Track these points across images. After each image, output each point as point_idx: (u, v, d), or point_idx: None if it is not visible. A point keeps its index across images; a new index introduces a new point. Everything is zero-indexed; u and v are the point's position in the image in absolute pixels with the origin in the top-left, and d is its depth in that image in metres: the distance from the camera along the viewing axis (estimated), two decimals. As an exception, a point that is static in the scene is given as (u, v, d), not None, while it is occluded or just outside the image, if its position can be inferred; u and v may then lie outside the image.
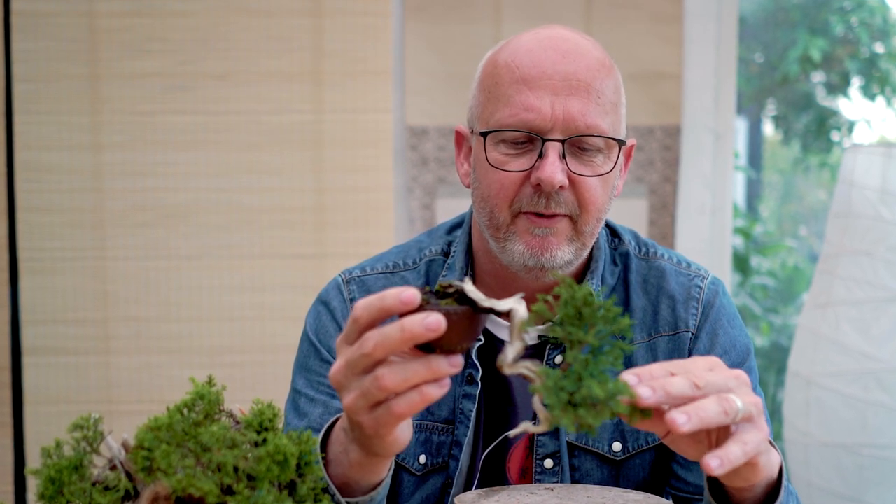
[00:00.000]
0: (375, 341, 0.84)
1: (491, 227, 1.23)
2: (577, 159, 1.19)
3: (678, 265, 1.34)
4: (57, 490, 0.81)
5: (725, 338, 1.30)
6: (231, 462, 0.79)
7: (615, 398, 0.78)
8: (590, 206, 1.20)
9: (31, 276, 2.61)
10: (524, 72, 1.19)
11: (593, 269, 1.30)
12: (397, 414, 0.87)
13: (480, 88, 1.26)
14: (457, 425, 1.27)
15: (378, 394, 0.86)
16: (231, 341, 2.64)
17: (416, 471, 1.29)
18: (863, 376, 2.36)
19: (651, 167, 2.85)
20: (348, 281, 1.36)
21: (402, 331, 0.82)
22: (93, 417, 0.85)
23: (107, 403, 2.62)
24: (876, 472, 2.34)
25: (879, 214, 2.39)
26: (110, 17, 2.59)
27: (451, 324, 0.82)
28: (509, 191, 1.20)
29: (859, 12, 6.64)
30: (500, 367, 0.84)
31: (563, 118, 1.17)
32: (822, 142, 7.04)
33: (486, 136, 1.21)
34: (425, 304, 0.84)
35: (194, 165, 2.61)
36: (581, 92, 1.18)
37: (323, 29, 2.62)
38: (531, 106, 1.17)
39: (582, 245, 1.23)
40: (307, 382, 1.30)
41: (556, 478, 1.27)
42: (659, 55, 2.82)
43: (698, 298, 1.31)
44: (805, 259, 7.08)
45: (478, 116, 1.25)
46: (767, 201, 9.26)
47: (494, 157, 1.20)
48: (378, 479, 1.02)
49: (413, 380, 0.85)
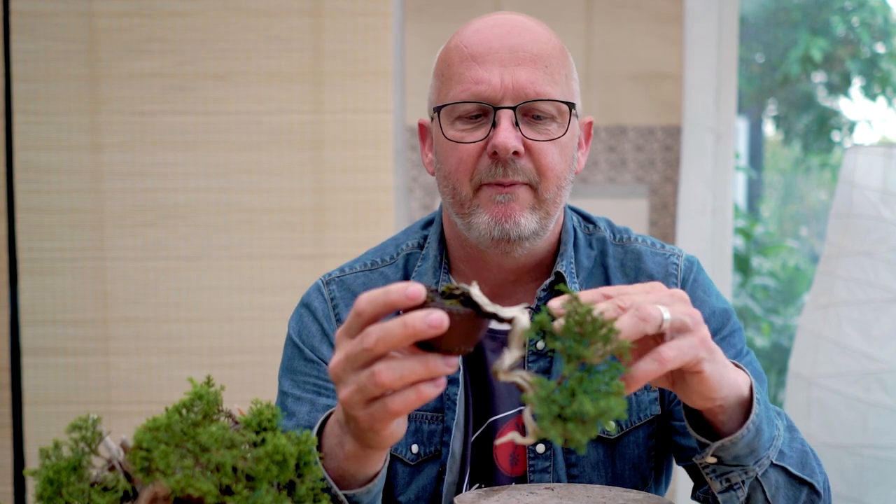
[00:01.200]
0: (377, 336, 0.85)
1: (455, 205, 1.26)
2: (530, 127, 1.22)
3: (653, 247, 1.37)
4: (55, 491, 0.81)
5: (704, 307, 1.31)
6: (230, 462, 0.79)
7: (605, 415, 0.78)
8: (548, 173, 1.23)
9: (31, 276, 2.61)
10: (472, 49, 1.23)
11: (562, 252, 1.32)
12: (393, 411, 0.87)
13: (435, 76, 1.30)
14: (445, 412, 1.29)
15: (374, 389, 0.86)
16: (230, 342, 2.63)
17: (409, 461, 1.30)
18: (864, 377, 2.35)
19: (652, 167, 2.85)
20: (328, 282, 1.39)
21: (404, 327, 0.83)
22: (91, 418, 0.84)
23: (106, 404, 2.62)
24: (877, 473, 2.33)
25: (880, 215, 2.38)
26: (109, 18, 2.58)
27: (453, 324, 0.82)
28: (468, 164, 1.23)
29: (860, 12, 6.64)
30: (495, 372, 0.84)
31: (513, 87, 1.21)
32: (822, 142, 7.04)
33: (439, 111, 1.25)
34: (430, 301, 0.84)
35: (194, 166, 2.61)
36: (528, 62, 1.22)
37: (323, 29, 2.61)
38: (481, 79, 1.21)
39: (545, 214, 1.25)
40: (293, 383, 1.31)
41: (549, 462, 1.28)
42: (660, 55, 2.82)
43: (676, 275, 1.34)
44: (806, 259, 7.09)
45: (434, 101, 1.29)
46: (768, 202, 9.26)
47: (451, 133, 1.24)
48: (374, 470, 1.03)
49: (410, 377, 0.85)
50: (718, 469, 1.05)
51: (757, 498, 1.07)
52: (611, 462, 1.30)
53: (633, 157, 2.85)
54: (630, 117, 2.83)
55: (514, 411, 1.30)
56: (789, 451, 1.11)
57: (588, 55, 2.80)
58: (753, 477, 1.05)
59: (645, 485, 1.32)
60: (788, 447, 1.11)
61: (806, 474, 1.12)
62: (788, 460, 1.10)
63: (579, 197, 2.81)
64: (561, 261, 1.31)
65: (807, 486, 1.12)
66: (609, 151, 2.85)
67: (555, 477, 1.28)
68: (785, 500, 1.10)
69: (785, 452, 1.10)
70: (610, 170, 2.85)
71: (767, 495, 1.07)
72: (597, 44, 2.80)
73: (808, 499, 1.13)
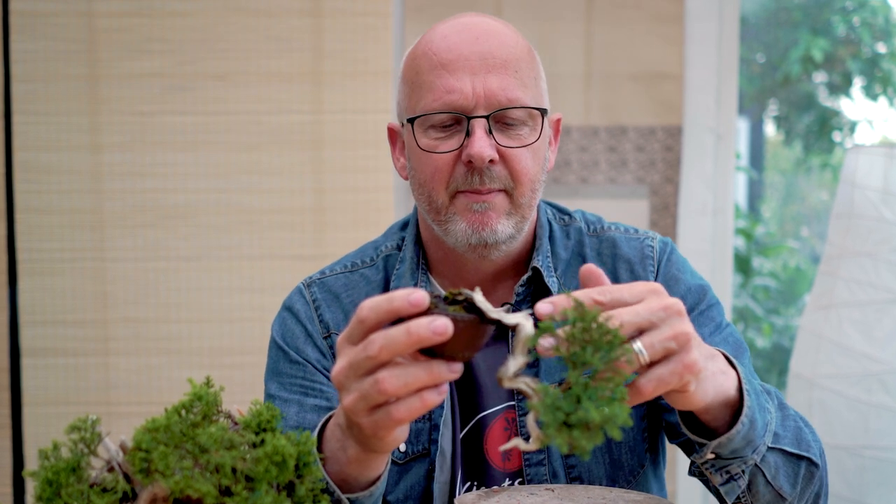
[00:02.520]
0: (381, 344, 0.84)
1: (432, 212, 1.27)
2: (503, 134, 1.23)
3: (626, 233, 1.39)
4: (55, 492, 0.81)
5: (679, 284, 1.34)
6: (229, 463, 0.79)
7: (610, 422, 0.78)
8: (522, 178, 1.24)
9: (30, 277, 2.61)
10: (441, 57, 1.23)
11: (538, 247, 1.33)
12: (396, 419, 0.87)
13: (404, 81, 1.30)
14: (432, 409, 1.28)
15: (378, 397, 0.86)
16: (230, 343, 2.63)
17: (397, 459, 1.30)
18: (865, 378, 2.35)
19: (652, 168, 2.84)
20: (309, 285, 1.40)
21: (408, 334, 0.83)
22: (90, 419, 0.84)
23: (105, 405, 2.62)
24: (878, 474, 2.33)
25: (882, 215, 2.38)
26: (109, 17, 2.58)
27: (457, 331, 0.82)
28: (443, 172, 1.23)
29: (861, 12, 6.64)
30: (499, 379, 0.85)
31: (485, 95, 1.21)
32: (823, 142, 7.04)
33: (413, 122, 1.25)
34: (433, 307, 0.84)
35: (193, 166, 2.61)
36: (498, 69, 1.22)
37: (323, 29, 2.61)
38: (452, 88, 1.21)
39: (521, 218, 1.26)
40: (279, 386, 1.32)
41: (543, 454, 1.29)
42: (660, 55, 2.81)
43: (652, 257, 1.36)
44: (807, 260, 7.08)
45: (405, 108, 1.30)
46: (769, 202, 9.25)
47: (425, 142, 1.24)
48: (376, 473, 1.03)
49: (413, 385, 0.85)
50: (717, 463, 1.05)
51: (758, 482, 1.08)
52: (608, 448, 1.31)
53: (634, 158, 2.84)
54: (630, 118, 2.83)
55: (502, 406, 1.31)
56: (783, 431, 1.12)
57: (588, 55, 2.79)
58: (752, 465, 1.06)
59: (642, 467, 1.33)
60: (782, 427, 1.12)
61: (802, 449, 1.13)
62: (784, 441, 1.11)
63: (580, 197, 2.81)
64: (537, 256, 1.32)
65: (804, 461, 1.13)
66: (609, 152, 2.85)
67: (551, 470, 1.29)
68: (785, 477, 1.11)
69: (779, 434, 1.10)
70: (610, 170, 2.85)
71: (768, 477, 1.08)
72: (597, 44, 2.80)
73: (806, 471, 1.13)
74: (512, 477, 1.30)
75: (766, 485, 1.08)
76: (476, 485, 1.31)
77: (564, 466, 1.29)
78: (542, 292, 1.31)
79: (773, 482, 1.09)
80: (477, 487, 1.30)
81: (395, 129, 1.37)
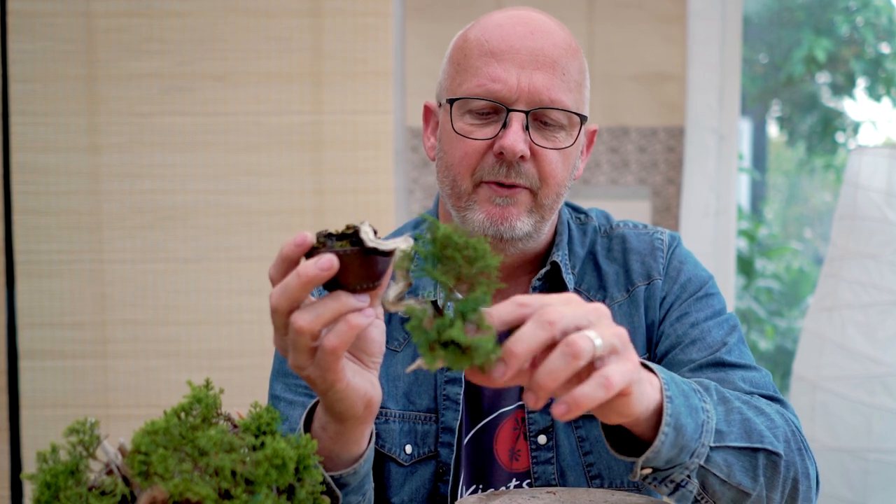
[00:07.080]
0: (277, 294, 0.88)
1: (453, 197, 1.27)
2: (539, 132, 1.23)
3: (636, 228, 1.40)
4: (53, 495, 0.81)
5: (682, 272, 1.35)
6: (229, 466, 0.79)
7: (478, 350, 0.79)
8: (550, 180, 1.24)
9: (28, 279, 2.60)
10: (493, 45, 1.23)
11: (558, 242, 1.34)
12: (331, 348, 0.88)
13: (450, 62, 1.30)
14: (442, 412, 1.29)
15: (300, 338, 0.88)
16: (229, 345, 2.62)
17: (403, 461, 1.30)
18: (868, 380, 2.34)
19: (654, 169, 2.84)
20: None
21: (298, 276, 0.86)
22: (89, 421, 0.85)
23: (104, 407, 2.61)
24: (881, 476, 2.32)
25: (885, 217, 2.37)
26: (107, 18, 2.57)
27: (345, 264, 0.86)
28: (472, 159, 1.24)
29: (865, 12, 6.64)
30: (382, 305, 0.88)
31: (529, 90, 1.21)
32: (827, 143, 7.04)
33: (452, 103, 1.25)
34: (321, 245, 0.87)
35: (192, 167, 2.60)
36: (546, 67, 1.22)
37: (323, 29, 2.60)
38: (498, 77, 1.22)
39: (541, 218, 1.26)
40: (284, 387, 1.32)
41: (552, 452, 1.29)
42: (662, 56, 2.81)
43: (662, 249, 1.37)
44: (810, 262, 7.09)
45: (446, 88, 1.30)
46: (772, 203, 9.25)
47: (460, 126, 1.24)
48: (359, 449, 1.03)
49: (325, 314, 0.87)
50: (658, 475, 1.01)
51: (711, 483, 1.04)
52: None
53: (636, 159, 2.84)
54: (633, 118, 2.82)
55: (513, 406, 1.31)
56: (728, 427, 1.06)
57: (590, 55, 2.78)
58: (696, 468, 1.02)
59: None
60: (725, 423, 1.06)
61: (754, 441, 1.07)
62: (729, 437, 1.06)
63: (581, 198, 2.80)
64: (556, 251, 1.33)
65: (761, 452, 1.07)
66: (611, 153, 2.84)
67: (558, 468, 1.28)
68: (742, 472, 1.06)
69: (723, 430, 1.05)
70: (612, 171, 2.84)
71: (721, 477, 1.03)
72: (599, 44, 2.79)
73: (767, 462, 1.08)
74: (519, 477, 1.30)
75: (723, 483, 1.04)
76: (481, 487, 1.30)
77: (583, 464, 1.28)
78: (558, 288, 1.32)
79: (729, 480, 1.04)
80: (483, 489, 1.29)
81: (432, 109, 1.37)
